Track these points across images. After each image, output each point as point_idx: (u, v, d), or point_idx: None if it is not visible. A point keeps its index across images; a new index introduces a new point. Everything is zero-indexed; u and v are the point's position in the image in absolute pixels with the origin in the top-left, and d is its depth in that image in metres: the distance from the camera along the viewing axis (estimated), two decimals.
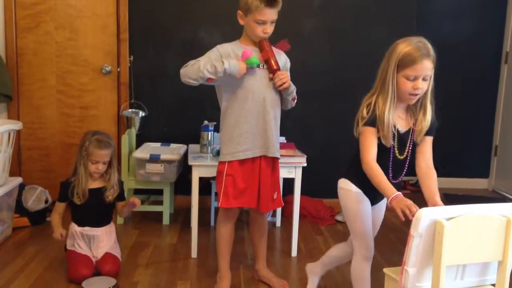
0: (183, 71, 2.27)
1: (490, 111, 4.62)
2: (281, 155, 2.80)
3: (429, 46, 1.89)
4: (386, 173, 1.97)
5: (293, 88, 2.38)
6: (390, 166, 2.00)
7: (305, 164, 2.85)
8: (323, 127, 3.81)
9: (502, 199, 4.29)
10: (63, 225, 2.58)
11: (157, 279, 2.56)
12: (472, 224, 1.62)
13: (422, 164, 2.00)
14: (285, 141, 3.33)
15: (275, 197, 2.45)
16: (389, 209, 2.01)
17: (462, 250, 1.62)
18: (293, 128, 3.73)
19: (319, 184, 3.58)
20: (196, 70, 2.21)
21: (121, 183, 2.68)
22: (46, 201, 3.33)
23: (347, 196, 2.10)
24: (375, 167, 1.89)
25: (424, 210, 1.60)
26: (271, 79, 2.29)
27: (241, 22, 2.28)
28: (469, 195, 4.24)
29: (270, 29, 2.24)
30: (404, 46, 1.89)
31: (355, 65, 3.75)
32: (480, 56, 4.53)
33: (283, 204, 2.57)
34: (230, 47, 2.30)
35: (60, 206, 2.61)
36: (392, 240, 3.16)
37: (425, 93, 1.94)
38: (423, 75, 1.86)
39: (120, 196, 2.66)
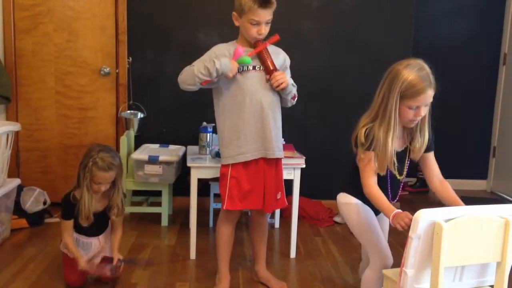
0: (179, 79, 2.29)
1: (489, 113, 4.63)
2: None
3: (429, 71, 1.88)
4: (386, 194, 2.00)
5: (291, 88, 2.36)
6: (389, 187, 2.02)
7: (304, 166, 2.85)
8: (322, 129, 3.81)
9: (501, 200, 4.30)
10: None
11: (156, 280, 2.56)
12: (470, 226, 1.62)
13: (434, 179, 2.05)
14: (284, 142, 3.33)
15: (278, 197, 2.45)
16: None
17: (461, 251, 1.63)
18: (292, 129, 3.72)
19: (318, 185, 3.58)
20: (191, 75, 2.22)
21: (123, 201, 2.54)
22: (45, 203, 3.33)
23: (349, 209, 2.11)
24: (376, 191, 1.92)
25: (422, 211, 1.60)
26: (267, 80, 2.28)
27: (236, 23, 2.27)
28: (467, 197, 4.24)
29: (265, 30, 2.23)
30: (406, 75, 1.84)
31: (354, 66, 3.75)
32: (478, 57, 4.54)
33: (287, 203, 2.56)
34: (226, 47, 2.29)
35: (68, 225, 2.43)
36: (391, 242, 3.15)
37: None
38: (425, 104, 1.88)
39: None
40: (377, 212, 2.12)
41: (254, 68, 2.28)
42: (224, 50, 2.28)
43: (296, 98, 2.45)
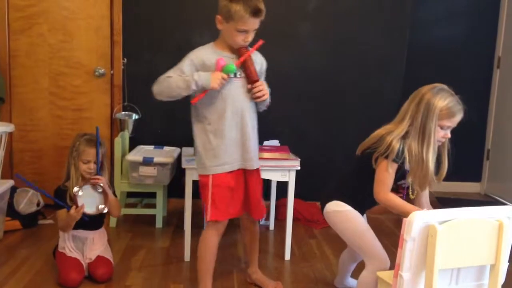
0: (155, 89, 2.17)
1: (483, 115, 4.65)
2: (274, 158, 2.82)
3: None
4: None
5: (268, 96, 2.26)
6: None
7: (299, 168, 2.85)
8: (317, 131, 3.81)
9: (494, 202, 4.32)
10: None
11: (150, 282, 2.55)
12: (464, 228, 1.62)
13: (422, 200, 2.10)
14: (278, 144, 3.33)
15: (262, 203, 2.40)
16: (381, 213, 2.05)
17: (455, 253, 1.63)
18: (287, 131, 3.74)
19: (312, 187, 3.58)
20: (168, 88, 2.13)
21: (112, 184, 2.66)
22: (38, 204, 3.31)
23: (344, 217, 2.12)
24: (395, 197, 1.96)
25: (416, 213, 1.60)
26: (249, 90, 2.19)
27: (220, 27, 2.16)
28: (462, 199, 4.26)
29: (251, 37, 2.15)
30: (442, 99, 1.96)
31: (350, 68, 3.76)
32: (473, 60, 4.55)
33: (266, 209, 2.48)
34: (204, 54, 2.18)
35: (62, 213, 2.50)
36: (385, 243, 3.16)
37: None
38: (454, 126, 2.00)
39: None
40: (362, 214, 2.17)
41: (235, 75, 2.18)
42: (202, 58, 2.16)
43: (268, 105, 2.34)
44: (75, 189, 2.43)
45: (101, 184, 2.48)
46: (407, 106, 2.02)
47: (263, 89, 2.20)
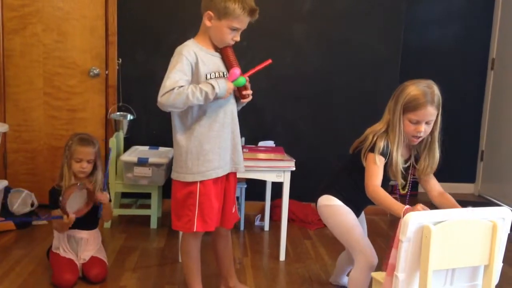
0: (165, 100, 2.00)
1: (477, 117, 4.67)
2: (270, 159, 2.82)
3: (436, 91, 1.94)
4: None
5: None
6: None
7: (294, 168, 2.84)
8: (313, 132, 3.82)
9: (488, 203, 4.34)
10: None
11: (144, 283, 2.55)
12: (458, 229, 1.63)
13: (434, 193, 2.09)
14: (273, 145, 3.33)
15: (233, 210, 2.30)
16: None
17: (449, 254, 1.63)
18: (283, 132, 3.74)
19: (307, 188, 3.58)
20: (184, 99, 1.98)
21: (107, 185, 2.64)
22: (32, 205, 3.30)
23: (334, 211, 2.13)
24: (382, 191, 1.94)
25: (411, 214, 1.61)
26: (238, 92, 2.16)
27: (208, 23, 2.08)
28: (456, 200, 4.27)
29: (239, 37, 2.11)
30: (411, 90, 1.93)
31: (345, 69, 3.76)
32: (467, 62, 4.58)
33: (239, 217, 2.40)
34: (195, 52, 2.08)
35: (56, 213, 2.50)
36: (380, 245, 3.17)
37: (431, 134, 2.01)
38: (425, 120, 1.93)
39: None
40: (357, 214, 2.17)
41: (223, 75, 2.12)
42: (194, 56, 2.07)
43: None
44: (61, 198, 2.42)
45: (82, 182, 2.47)
46: (389, 101, 2.04)
47: (249, 90, 2.16)
